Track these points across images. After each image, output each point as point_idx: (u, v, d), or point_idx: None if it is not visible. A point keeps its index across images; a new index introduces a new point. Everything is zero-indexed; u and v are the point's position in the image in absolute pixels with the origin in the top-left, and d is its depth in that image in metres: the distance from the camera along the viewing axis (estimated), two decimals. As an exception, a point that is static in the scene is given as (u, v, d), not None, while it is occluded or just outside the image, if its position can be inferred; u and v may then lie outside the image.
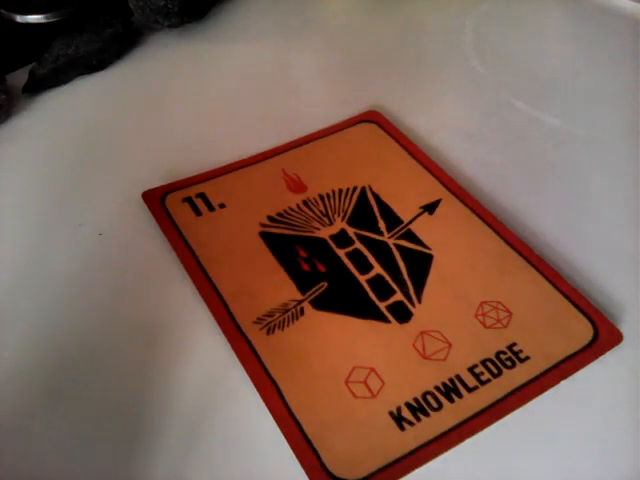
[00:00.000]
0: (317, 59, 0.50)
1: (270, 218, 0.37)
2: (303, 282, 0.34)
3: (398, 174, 0.40)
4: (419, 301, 0.33)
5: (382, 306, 0.33)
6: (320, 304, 0.33)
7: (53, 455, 0.28)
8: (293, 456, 0.28)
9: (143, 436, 0.29)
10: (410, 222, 0.37)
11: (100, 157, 0.41)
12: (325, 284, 0.34)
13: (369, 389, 0.30)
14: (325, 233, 0.36)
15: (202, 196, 0.38)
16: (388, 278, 0.34)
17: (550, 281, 0.34)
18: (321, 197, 0.38)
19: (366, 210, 0.37)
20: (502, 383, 0.30)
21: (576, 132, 0.44)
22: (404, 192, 0.38)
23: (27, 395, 0.30)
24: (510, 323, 0.32)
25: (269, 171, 0.40)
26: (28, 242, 0.36)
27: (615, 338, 0.32)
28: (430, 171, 0.40)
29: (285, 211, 0.37)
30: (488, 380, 0.30)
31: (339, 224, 0.37)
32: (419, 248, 0.36)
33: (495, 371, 0.30)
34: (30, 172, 0.40)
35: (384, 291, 0.34)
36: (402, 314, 0.33)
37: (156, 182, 0.39)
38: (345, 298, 0.33)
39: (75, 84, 0.47)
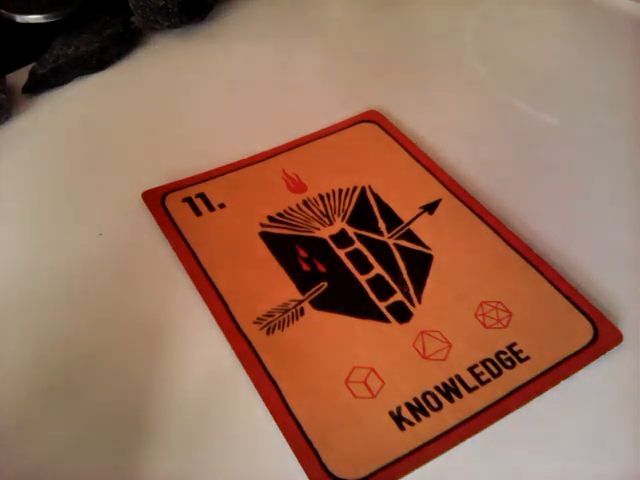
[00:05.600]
0: (317, 59, 0.50)
1: (270, 218, 0.37)
2: (303, 282, 0.34)
3: (398, 174, 0.40)
4: (419, 301, 0.33)
5: (382, 306, 0.33)
6: (320, 304, 0.33)
7: (53, 455, 0.28)
8: (293, 456, 0.28)
9: (143, 436, 0.29)
10: (410, 222, 0.37)
11: (100, 157, 0.41)
12: (325, 284, 0.34)
13: (369, 389, 0.30)
14: (325, 233, 0.36)
15: (202, 196, 0.38)
16: (388, 278, 0.34)
17: (550, 281, 0.34)
18: (321, 197, 0.38)
19: (366, 210, 0.37)
20: (502, 383, 0.30)
21: (576, 132, 0.44)
22: (404, 192, 0.38)
23: (27, 395, 0.30)
24: (510, 323, 0.32)
25: (269, 171, 0.40)
26: (28, 242, 0.36)
27: (615, 338, 0.32)
28: (430, 171, 0.40)
29: (285, 211, 0.37)
30: (488, 380, 0.30)
31: (339, 224, 0.37)
32: (419, 248, 0.36)
33: (495, 371, 0.30)
34: (30, 172, 0.40)
35: (384, 291, 0.34)
36: (402, 314, 0.33)
37: (156, 182, 0.39)
38: (345, 298, 0.33)
39: (75, 84, 0.46)
